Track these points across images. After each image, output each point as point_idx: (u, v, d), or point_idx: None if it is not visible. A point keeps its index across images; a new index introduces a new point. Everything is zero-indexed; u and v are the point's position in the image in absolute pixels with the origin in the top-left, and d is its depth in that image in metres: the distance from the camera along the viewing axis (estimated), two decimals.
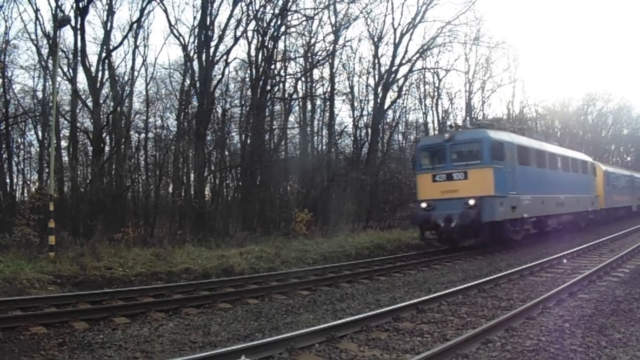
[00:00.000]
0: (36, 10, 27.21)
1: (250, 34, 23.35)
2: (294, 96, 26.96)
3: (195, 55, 22.14)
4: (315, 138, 29.87)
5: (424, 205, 16.22)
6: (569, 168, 21.77)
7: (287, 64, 26.05)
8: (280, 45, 25.45)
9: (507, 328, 6.44)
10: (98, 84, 20.94)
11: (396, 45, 27.84)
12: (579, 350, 5.47)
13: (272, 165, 23.04)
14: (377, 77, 28.72)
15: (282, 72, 25.71)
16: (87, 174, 21.32)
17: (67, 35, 37.14)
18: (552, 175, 19.66)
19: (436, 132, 31.25)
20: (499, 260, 14.30)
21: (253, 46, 23.47)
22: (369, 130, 28.02)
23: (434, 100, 36.07)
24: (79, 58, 20.07)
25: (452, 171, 15.89)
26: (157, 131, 25.71)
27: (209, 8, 21.53)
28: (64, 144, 21.82)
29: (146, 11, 23.03)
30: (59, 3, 20.12)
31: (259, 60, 23.11)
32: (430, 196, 16.22)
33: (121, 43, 22.82)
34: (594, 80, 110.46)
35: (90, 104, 20.84)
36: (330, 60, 26.95)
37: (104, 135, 20.75)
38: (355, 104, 29.31)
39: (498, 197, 15.30)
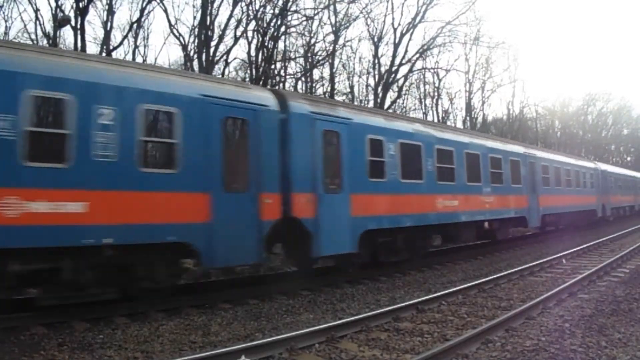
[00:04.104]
0: (36, 10, 27.24)
1: (250, 34, 23.38)
2: None
3: (195, 55, 22.15)
4: None
5: None
6: None
7: (287, 64, 26.07)
8: (280, 45, 25.45)
9: (507, 328, 6.44)
10: None
11: (396, 45, 27.84)
12: (579, 350, 5.47)
13: None
14: (377, 77, 28.75)
15: (282, 72, 25.73)
16: None
17: (67, 35, 37.31)
18: None
19: None
20: (499, 260, 14.31)
21: (253, 46, 23.49)
22: None
23: (434, 100, 36.17)
24: None
25: None
26: None
27: (209, 8, 21.54)
28: None
29: (146, 11, 23.11)
30: (59, 3, 20.19)
31: (259, 60, 23.11)
32: None
33: (121, 43, 22.88)
34: (594, 80, 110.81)
35: None
36: (330, 60, 26.96)
37: None
38: (356, 103, 29.32)
39: None
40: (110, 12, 21.88)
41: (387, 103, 29.14)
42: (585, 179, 24.54)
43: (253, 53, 23.51)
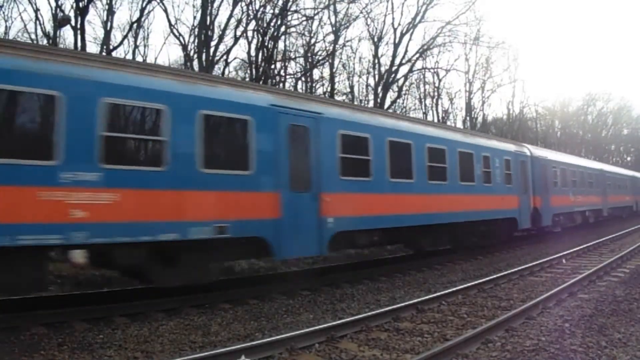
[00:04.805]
0: (36, 10, 27.30)
1: (250, 34, 23.41)
2: None
3: (195, 55, 22.17)
4: None
5: None
6: None
7: (287, 64, 26.08)
8: (280, 45, 25.48)
9: (507, 328, 6.44)
10: None
11: (396, 45, 27.85)
12: (579, 350, 5.47)
13: None
14: (377, 77, 28.77)
15: (282, 72, 25.73)
16: None
17: (67, 35, 37.22)
18: None
19: None
20: (499, 260, 14.30)
21: (253, 46, 23.52)
22: None
23: (434, 100, 36.20)
24: None
25: None
26: None
27: (209, 8, 21.56)
28: None
29: (146, 11, 23.17)
30: (59, 3, 20.20)
31: (259, 60, 23.12)
32: None
33: (121, 43, 22.92)
34: (594, 80, 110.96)
35: None
36: (330, 60, 26.97)
37: None
38: (355, 103, 29.32)
39: None
40: (110, 12, 21.94)
41: (387, 103, 29.17)
42: (493, 169, 15.49)
43: (253, 53, 23.56)
